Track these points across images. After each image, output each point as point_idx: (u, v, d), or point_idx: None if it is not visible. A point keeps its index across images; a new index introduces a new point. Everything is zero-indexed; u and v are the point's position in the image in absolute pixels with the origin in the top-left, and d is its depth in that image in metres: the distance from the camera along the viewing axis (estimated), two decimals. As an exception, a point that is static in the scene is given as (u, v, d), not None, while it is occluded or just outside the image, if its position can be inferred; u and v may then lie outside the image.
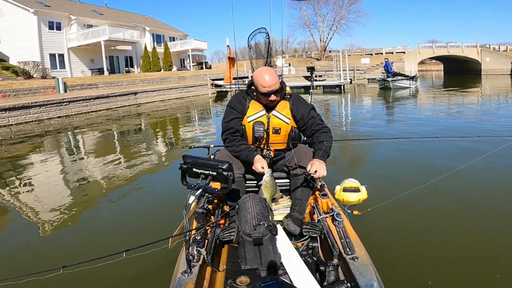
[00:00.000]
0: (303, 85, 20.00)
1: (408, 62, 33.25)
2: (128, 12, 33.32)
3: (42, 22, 22.00)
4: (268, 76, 2.08)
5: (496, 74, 31.10)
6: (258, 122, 2.19)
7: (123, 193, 4.41)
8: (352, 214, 1.95)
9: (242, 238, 1.69)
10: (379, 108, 13.40)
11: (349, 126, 9.15)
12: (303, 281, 1.48)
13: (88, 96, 14.32)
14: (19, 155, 7.03)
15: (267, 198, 1.99)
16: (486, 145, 4.80)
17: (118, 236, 3.11)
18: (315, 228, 1.88)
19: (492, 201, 3.52)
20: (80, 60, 24.60)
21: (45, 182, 5.02)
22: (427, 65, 53.57)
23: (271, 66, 3.96)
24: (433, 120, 9.16)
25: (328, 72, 27.87)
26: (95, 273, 1.93)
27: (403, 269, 2.32)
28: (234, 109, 2.22)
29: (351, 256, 1.48)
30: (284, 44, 26.76)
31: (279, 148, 2.29)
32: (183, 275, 1.39)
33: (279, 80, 2.14)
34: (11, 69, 19.97)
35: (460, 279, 2.24)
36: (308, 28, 42.85)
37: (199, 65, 35.07)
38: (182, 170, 1.81)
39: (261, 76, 2.09)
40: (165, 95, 18.94)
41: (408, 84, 19.37)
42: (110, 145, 8.14)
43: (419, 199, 3.46)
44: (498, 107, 11.58)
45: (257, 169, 2.06)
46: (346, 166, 5.09)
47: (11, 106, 11.23)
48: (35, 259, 2.79)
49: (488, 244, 2.66)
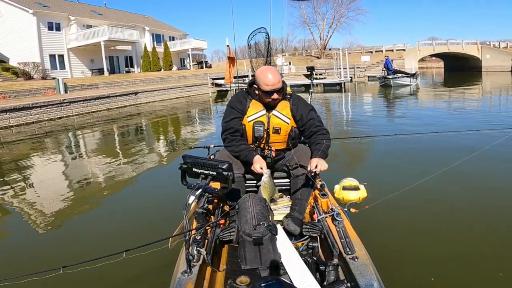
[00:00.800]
0: (304, 83, 19.98)
1: (409, 59, 33.20)
2: (128, 12, 33.30)
3: (42, 22, 21.98)
4: (271, 74, 2.09)
5: (497, 71, 31.04)
6: (258, 122, 2.19)
7: (123, 193, 4.41)
8: (350, 212, 1.95)
9: (242, 238, 1.69)
10: (379, 106, 13.39)
11: (349, 124, 9.14)
12: (303, 281, 1.47)
13: (89, 96, 14.33)
14: (20, 156, 7.04)
15: (266, 198, 1.99)
16: (486, 139, 4.79)
17: (118, 236, 3.11)
18: (315, 228, 1.88)
19: (493, 197, 3.51)
20: (80, 60, 24.59)
21: (45, 182, 5.03)
22: (427, 62, 53.44)
23: (271, 65, 3.96)
24: (433, 116, 9.15)
25: (328, 70, 27.83)
26: (95, 273, 1.93)
27: (403, 269, 2.31)
28: (234, 109, 2.22)
29: (351, 256, 1.47)
30: (284, 42, 26.67)
31: (279, 148, 2.29)
32: (183, 275, 1.39)
33: (281, 79, 2.15)
34: (11, 70, 19.98)
35: (461, 278, 2.23)
36: (308, 26, 42.89)
37: (199, 64, 35.02)
38: (182, 170, 1.81)
39: (264, 75, 2.10)
40: (165, 94, 18.94)
41: (408, 81, 19.32)
42: (110, 145, 8.15)
43: (419, 196, 3.46)
44: (499, 103, 11.58)
45: (256, 169, 2.07)
46: (344, 164, 5.06)
47: (12, 107, 11.24)
48: (35, 259, 2.79)
49: (490, 241, 2.65)
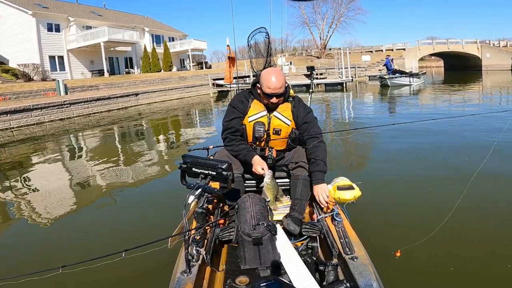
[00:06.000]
0: (304, 83, 19.98)
1: (409, 59, 33.17)
2: (127, 13, 33.32)
3: (41, 24, 21.99)
4: (276, 78, 2.08)
5: (497, 70, 31.01)
6: (258, 122, 2.20)
7: (122, 193, 4.41)
8: (349, 212, 1.96)
9: (242, 238, 1.69)
10: (369, 105, 13.40)
11: (347, 121, 9.15)
12: (303, 281, 1.47)
13: (90, 97, 14.33)
14: (21, 158, 7.04)
15: (271, 199, 2.00)
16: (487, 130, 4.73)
17: (117, 235, 3.11)
18: (315, 228, 1.88)
19: (493, 193, 3.48)
20: (80, 61, 24.60)
21: (45, 183, 5.03)
22: (427, 62, 53.37)
23: (271, 65, 3.95)
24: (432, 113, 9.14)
25: (329, 70, 27.84)
26: (94, 272, 1.93)
27: (403, 269, 2.30)
28: (236, 109, 2.23)
29: (350, 256, 1.48)
30: (283, 43, 26.60)
31: (279, 148, 2.30)
32: (182, 275, 1.39)
33: (285, 84, 2.14)
34: (11, 72, 19.98)
35: (462, 278, 2.22)
36: (308, 26, 42.86)
37: (199, 65, 35.04)
38: (181, 170, 1.82)
39: (268, 77, 2.09)
40: (166, 95, 18.93)
41: (407, 81, 18.92)
42: (111, 146, 8.15)
43: (417, 194, 3.45)
44: (500, 101, 11.59)
45: (258, 171, 2.07)
46: (335, 164, 5.04)
47: (13, 109, 11.23)
48: (34, 258, 2.79)
49: (491, 240, 2.63)
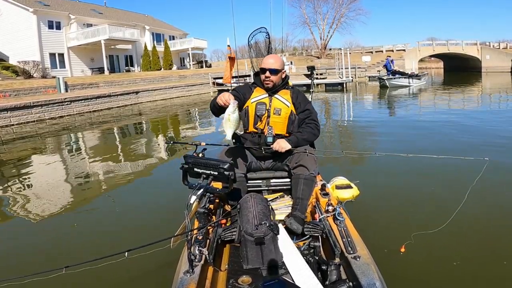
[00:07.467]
0: (305, 83, 19.98)
1: (409, 59, 33.17)
2: (128, 11, 33.30)
3: (42, 21, 21.97)
4: (272, 57, 2.39)
5: (496, 72, 31.02)
6: (260, 102, 2.36)
7: (124, 193, 4.41)
8: (350, 211, 1.97)
9: (244, 237, 1.69)
10: (365, 107, 13.39)
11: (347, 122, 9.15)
12: (305, 280, 1.48)
13: (90, 95, 14.32)
14: (21, 155, 7.03)
15: (228, 133, 1.92)
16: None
17: (120, 236, 3.11)
18: (317, 227, 1.89)
19: (493, 192, 3.49)
20: (80, 59, 24.58)
21: (46, 182, 5.03)
22: (427, 63, 53.35)
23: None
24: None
25: (329, 70, 27.83)
26: (97, 273, 1.93)
27: (405, 268, 2.31)
28: (236, 90, 2.46)
29: (353, 255, 1.48)
30: (283, 42, 26.62)
31: (279, 132, 2.34)
32: (185, 275, 1.39)
33: (282, 68, 2.38)
34: (11, 69, 19.96)
35: (463, 277, 2.23)
36: (308, 26, 42.72)
37: (199, 63, 35.01)
38: (183, 170, 1.82)
39: (267, 56, 2.44)
40: (166, 94, 18.93)
41: (406, 82, 18.88)
42: (112, 145, 8.14)
43: (416, 193, 3.45)
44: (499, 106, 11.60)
45: (221, 100, 2.00)
46: (334, 163, 5.00)
47: (13, 106, 11.22)
48: (37, 259, 2.79)
49: (493, 239, 2.64)
